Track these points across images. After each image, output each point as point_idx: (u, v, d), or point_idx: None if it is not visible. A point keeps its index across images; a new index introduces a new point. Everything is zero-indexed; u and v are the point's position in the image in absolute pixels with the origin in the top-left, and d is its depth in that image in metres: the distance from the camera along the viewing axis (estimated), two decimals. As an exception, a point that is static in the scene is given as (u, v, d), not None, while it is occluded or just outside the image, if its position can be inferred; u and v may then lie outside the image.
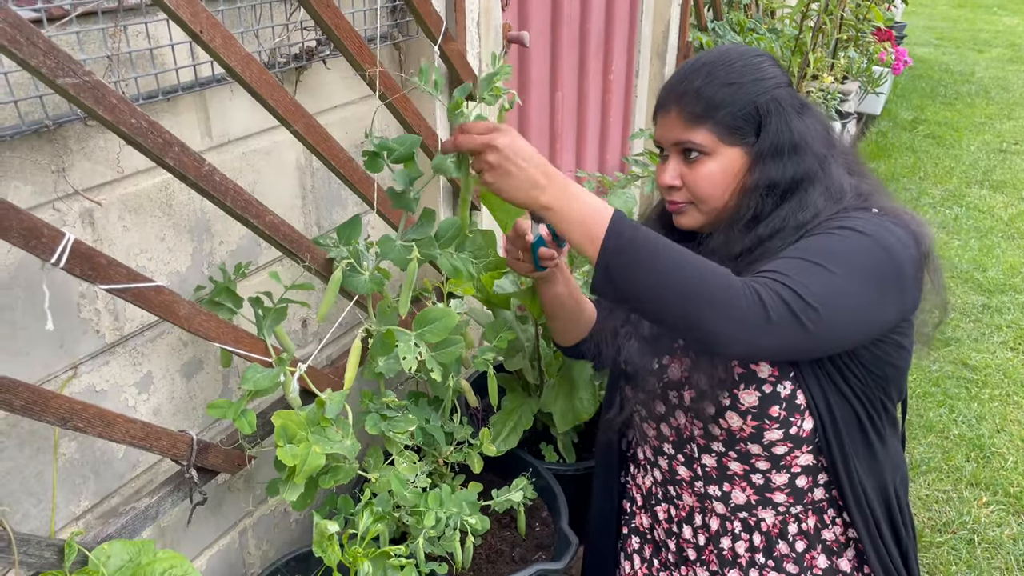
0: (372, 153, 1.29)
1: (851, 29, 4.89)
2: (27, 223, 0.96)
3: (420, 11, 1.62)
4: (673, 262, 0.98)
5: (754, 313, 0.96)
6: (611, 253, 0.99)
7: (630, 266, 0.98)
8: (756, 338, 0.97)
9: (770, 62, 1.18)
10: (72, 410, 1.09)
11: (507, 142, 1.04)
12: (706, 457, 1.25)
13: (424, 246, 1.35)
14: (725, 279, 0.98)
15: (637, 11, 3.18)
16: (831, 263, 1.01)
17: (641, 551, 1.44)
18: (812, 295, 0.98)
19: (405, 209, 1.34)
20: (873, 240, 1.04)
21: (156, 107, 1.26)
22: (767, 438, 1.16)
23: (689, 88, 1.15)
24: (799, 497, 1.23)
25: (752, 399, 1.14)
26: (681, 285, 0.97)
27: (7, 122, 1.06)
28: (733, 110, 1.13)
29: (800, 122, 1.14)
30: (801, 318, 0.97)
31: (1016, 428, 3.07)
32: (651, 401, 1.29)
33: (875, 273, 1.03)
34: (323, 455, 1.26)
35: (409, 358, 1.33)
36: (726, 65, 1.15)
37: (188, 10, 1.09)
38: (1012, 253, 4.49)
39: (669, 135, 1.18)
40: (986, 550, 2.51)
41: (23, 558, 1.08)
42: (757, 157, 1.14)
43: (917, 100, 7.54)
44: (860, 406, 1.15)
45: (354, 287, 1.37)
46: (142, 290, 1.13)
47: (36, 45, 0.91)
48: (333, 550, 1.33)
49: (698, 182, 1.16)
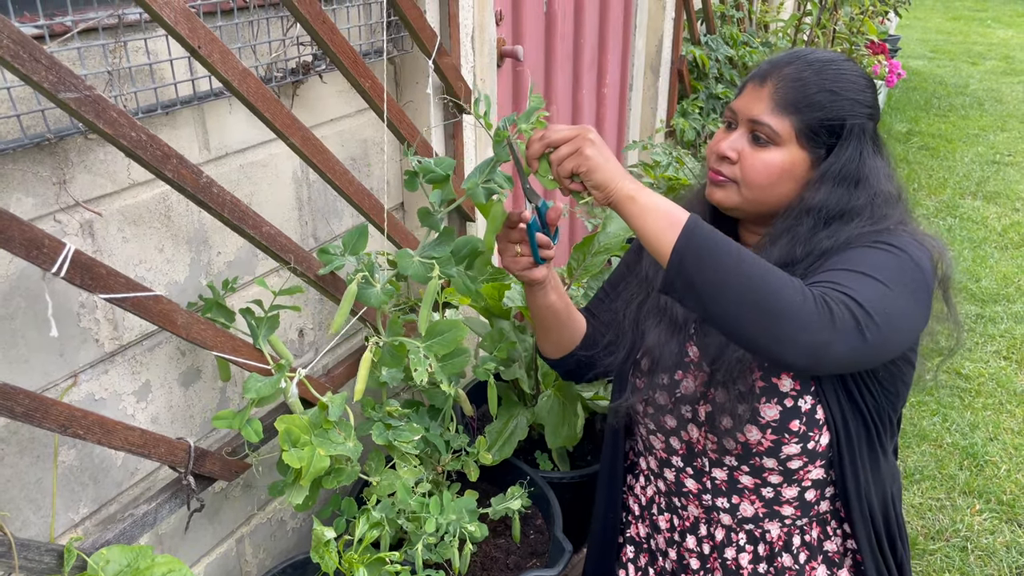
0: (412, 172, 1.31)
1: (845, 42, 4.94)
2: (29, 234, 0.98)
3: (415, 26, 1.65)
4: (748, 263, 0.96)
5: (824, 321, 0.94)
6: (689, 241, 0.97)
7: (707, 258, 0.97)
8: (821, 347, 0.95)
9: (872, 91, 1.17)
10: (72, 417, 1.11)
11: (596, 138, 1.06)
12: (717, 470, 1.24)
13: (443, 264, 1.36)
14: (797, 286, 0.96)
15: (631, 25, 3.22)
16: (882, 276, 1.02)
17: (636, 560, 1.44)
18: (873, 307, 0.97)
19: (432, 228, 1.36)
20: (909, 256, 1.05)
21: (155, 121, 1.29)
22: (784, 452, 1.16)
23: (794, 75, 1.13)
24: (806, 510, 1.23)
25: (773, 413, 1.14)
26: (757, 285, 0.95)
27: (10, 135, 1.08)
28: (823, 116, 1.12)
29: (873, 160, 1.14)
30: (863, 328, 0.96)
31: (1009, 436, 3.09)
32: (661, 416, 1.28)
33: (913, 287, 1.03)
34: (327, 457, 1.28)
35: (420, 370, 1.35)
36: (837, 71, 1.14)
37: (186, 26, 1.12)
38: (1005, 263, 4.52)
39: (751, 109, 1.15)
40: (979, 557, 2.52)
41: (23, 563, 1.09)
42: (822, 176, 1.13)
43: (911, 112, 7.58)
44: (871, 421, 1.16)
45: (366, 300, 1.38)
46: (141, 299, 1.15)
47: (39, 61, 0.94)
48: (330, 556, 1.35)
49: (755, 165, 1.14)
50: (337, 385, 1.68)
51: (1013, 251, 4.69)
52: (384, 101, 1.56)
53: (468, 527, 1.51)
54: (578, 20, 2.83)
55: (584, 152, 1.05)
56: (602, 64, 3.08)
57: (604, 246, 2.01)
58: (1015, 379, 3.44)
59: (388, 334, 1.47)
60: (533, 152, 1.10)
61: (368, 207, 1.60)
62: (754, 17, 4.26)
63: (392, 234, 1.67)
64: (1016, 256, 4.62)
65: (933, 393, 3.33)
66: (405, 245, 1.72)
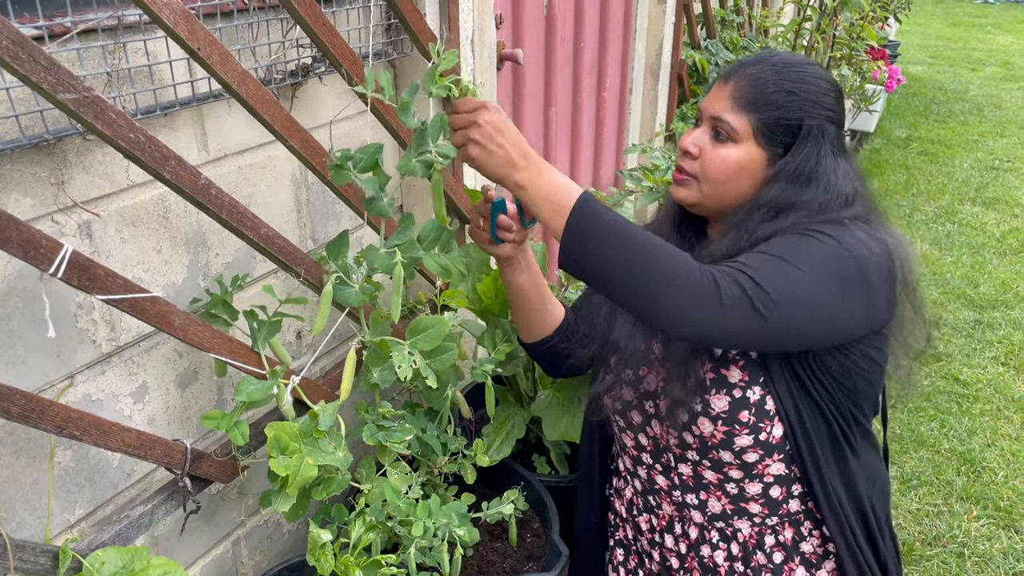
0: (336, 165, 1.32)
1: (844, 47, 4.94)
2: (26, 234, 0.98)
3: (415, 29, 1.65)
4: (633, 240, 1.02)
5: (708, 294, 0.99)
6: (575, 226, 1.03)
7: (592, 240, 1.03)
8: (707, 319, 1.00)
9: (836, 96, 1.19)
10: (68, 418, 1.11)
11: (490, 118, 1.09)
12: (682, 466, 1.26)
13: (407, 250, 1.37)
14: (684, 260, 1.01)
15: (631, 29, 3.22)
16: (794, 259, 1.04)
17: (625, 563, 1.45)
18: (770, 285, 1.01)
19: (382, 215, 1.36)
20: (838, 243, 1.06)
21: (154, 122, 1.29)
22: (737, 444, 1.17)
23: (755, 74, 1.16)
24: (774, 508, 1.24)
25: (723, 404, 1.16)
26: (640, 261, 1.01)
27: (8, 136, 1.08)
28: (779, 115, 1.14)
29: (831, 161, 1.15)
30: (757, 305, 1.00)
31: (1007, 442, 3.09)
32: (628, 412, 1.30)
33: (837, 275, 1.05)
34: (315, 466, 1.28)
35: (404, 367, 1.35)
36: (799, 73, 1.16)
37: (186, 28, 1.12)
38: (1004, 269, 4.52)
39: (713, 106, 1.19)
40: (976, 563, 2.52)
41: (18, 564, 1.09)
42: (777, 174, 1.15)
43: (910, 118, 7.59)
44: (831, 415, 1.16)
45: (344, 300, 1.39)
46: (138, 301, 1.15)
47: (37, 61, 0.94)
48: (326, 559, 1.35)
49: (713, 160, 1.18)
50: (334, 387, 1.67)
51: (1012, 257, 4.69)
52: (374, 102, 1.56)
53: (458, 531, 1.50)
54: (578, 24, 2.83)
55: (467, 151, 1.11)
56: (602, 68, 3.08)
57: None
58: (1013, 385, 3.44)
59: (371, 333, 1.47)
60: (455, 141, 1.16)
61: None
62: (754, 22, 4.26)
63: (389, 235, 1.67)
64: (1015, 262, 4.62)
65: (931, 399, 3.34)
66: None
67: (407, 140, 1.70)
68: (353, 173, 1.32)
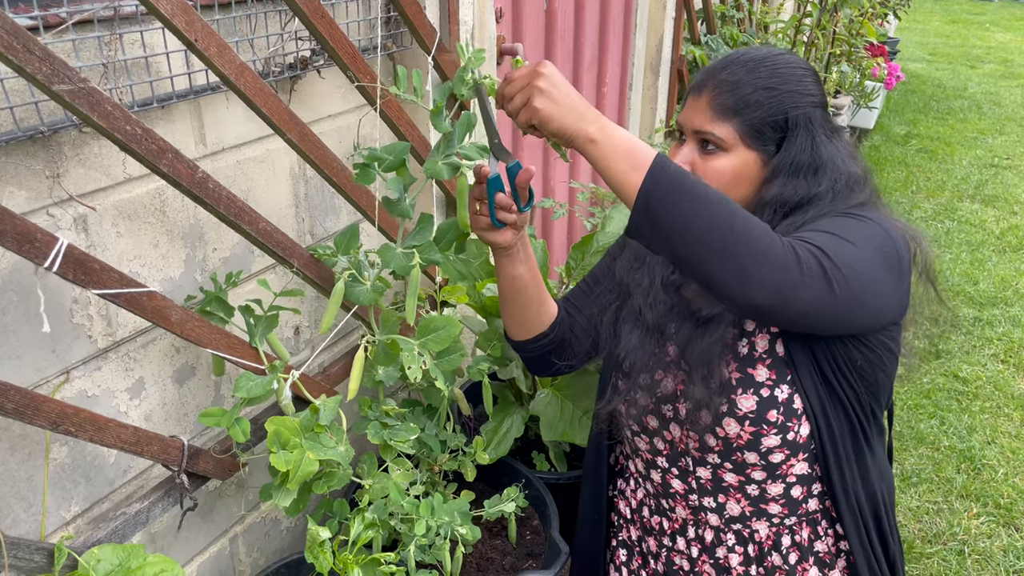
0: (363, 165, 1.30)
1: (844, 44, 4.94)
2: (21, 227, 0.97)
3: (414, 22, 1.64)
4: (720, 200, 0.96)
5: (791, 264, 0.95)
6: (659, 180, 0.96)
7: (676, 196, 0.95)
8: (787, 289, 0.95)
9: (813, 78, 1.16)
10: (64, 414, 1.10)
11: (552, 71, 1.04)
12: (701, 470, 1.24)
13: (424, 251, 1.35)
14: (767, 228, 0.96)
15: (631, 24, 3.21)
16: (852, 238, 1.02)
17: (628, 563, 1.44)
18: (840, 260, 0.98)
19: (402, 216, 1.35)
20: (880, 226, 1.06)
21: (151, 114, 1.27)
22: (764, 444, 1.16)
23: (728, 79, 1.13)
24: (793, 508, 1.23)
25: (750, 404, 1.14)
26: (725, 221, 0.94)
27: (2, 127, 1.06)
28: (763, 114, 1.12)
29: (828, 145, 1.13)
30: (831, 278, 0.97)
31: (1006, 440, 3.08)
32: (643, 416, 1.28)
33: (883, 254, 1.04)
34: (316, 461, 1.27)
35: (414, 368, 1.33)
36: (771, 67, 1.14)
37: (183, 19, 1.11)
38: (1003, 267, 4.52)
39: (693, 121, 1.15)
40: (976, 561, 2.52)
41: (13, 561, 1.08)
42: (775, 171, 1.13)
43: (910, 115, 7.59)
44: (853, 412, 1.15)
45: (355, 298, 1.37)
46: (134, 295, 1.14)
47: (32, 52, 0.93)
48: (325, 556, 1.34)
49: (707, 174, 1.14)
50: (333, 383, 1.66)
51: (1011, 254, 4.69)
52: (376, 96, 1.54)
53: (460, 530, 1.50)
54: (578, 18, 2.82)
55: (533, 104, 1.04)
56: (602, 63, 3.07)
57: (603, 246, 2.00)
58: (1013, 383, 3.44)
59: (381, 332, 1.46)
60: (498, 103, 1.11)
61: (365, 204, 1.58)
62: (754, 18, 4.25)
63: (388, 230, 1.66)
64: (1014, 259, 4.62)
65: (931, 396, 3.33)
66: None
67: (409, 136, 1.69)
68: (378, 171, 1.30)
